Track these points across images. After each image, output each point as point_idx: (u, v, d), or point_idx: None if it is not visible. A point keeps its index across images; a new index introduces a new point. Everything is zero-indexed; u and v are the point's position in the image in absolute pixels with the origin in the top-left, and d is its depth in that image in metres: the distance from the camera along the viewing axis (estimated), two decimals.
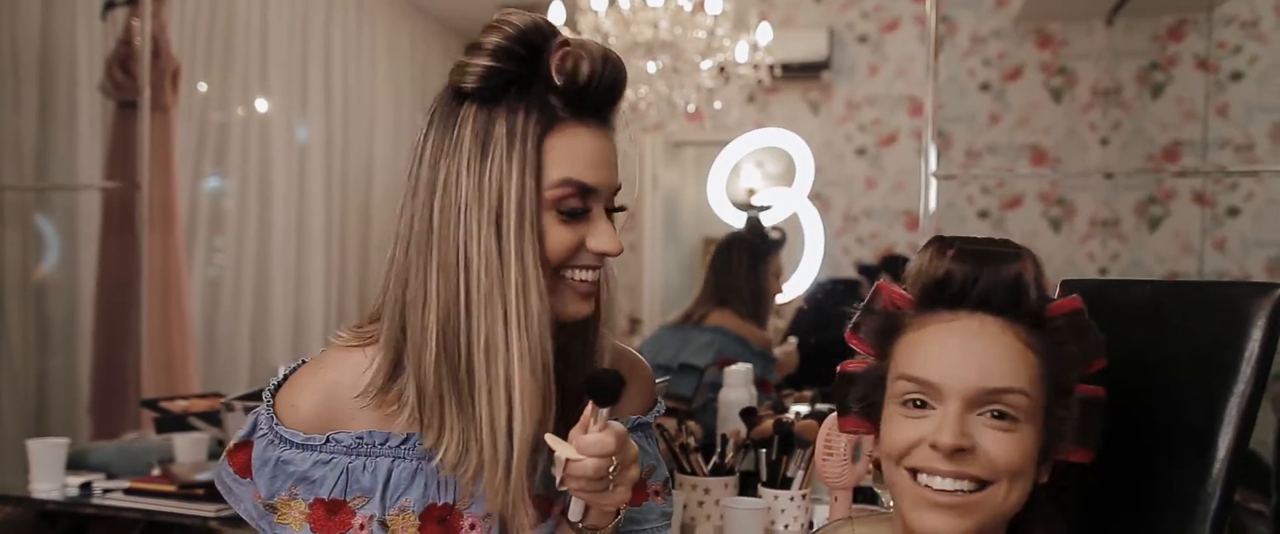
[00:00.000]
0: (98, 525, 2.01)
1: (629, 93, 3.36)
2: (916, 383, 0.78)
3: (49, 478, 1.85)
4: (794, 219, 3.18)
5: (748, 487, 1.51)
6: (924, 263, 0.81)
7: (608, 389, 0.78)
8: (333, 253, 3.71)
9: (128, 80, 2.62)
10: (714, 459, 1.51)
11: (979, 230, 3.68)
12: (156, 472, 1.91)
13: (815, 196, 3.48)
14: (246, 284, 3.51)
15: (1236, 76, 3.43)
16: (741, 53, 3.12)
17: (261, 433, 0.92)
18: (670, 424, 1.56)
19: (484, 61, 0.83)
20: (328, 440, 0.90)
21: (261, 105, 3.61)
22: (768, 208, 2.91)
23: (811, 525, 1.45)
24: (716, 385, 1.83)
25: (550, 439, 0.81)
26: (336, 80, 3.90)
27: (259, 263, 3.56)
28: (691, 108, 3.29)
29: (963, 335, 0.78)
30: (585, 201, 0.86)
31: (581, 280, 0.88)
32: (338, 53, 3.92)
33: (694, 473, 1.47)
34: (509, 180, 0.83)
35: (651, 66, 3.09)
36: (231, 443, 0.96)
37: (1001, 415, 0.76)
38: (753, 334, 2.17)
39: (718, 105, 3.28)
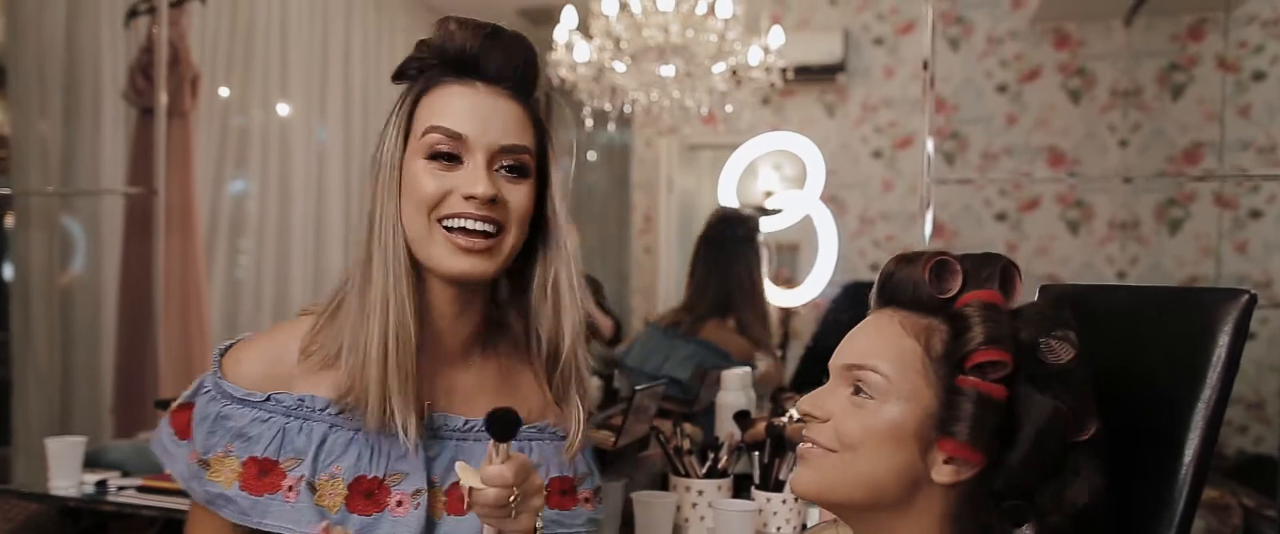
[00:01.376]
0: (118, 523, 2.05)
1: (641, 96, 3.34)
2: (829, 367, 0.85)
3: (67, 475, 1.89)
4: (807, 222, 3.18)
5: (745, 490, 1.52)
6: None
7: (506, 426, 0.80)
8: (351, 253, 3.75)
9: (149, 87, 2.67)
10: (709, 462, 1.52)
11: (997, 233, 3.66)
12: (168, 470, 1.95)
13: (830, 199, 3.46)
14: (267, 285, 3.57)
15: (1259, 76, 3.38)
16: (753, 56, 3.13)
17: (205, 390, 0.96)
18: (665, 426, 1.57)
19: (411, 55, 0.94)
20: (268, 399, 0.93)
21: (282, 109, 3.67)
22: (779, 210, 2.90)
23: (804, 528, 1.46)
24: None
25: (459, 467, 0.84)
26: (356, 83, 3.96)
27: (279, 264, 3.61)
28: (704, 111, 3.30)
29: (859, 325, 0.84)
30: (455, 148, 0.90)
31: (458, 228, 0.90)
32: (357, 56, 3.97)
33: (687, 475, 1.49)
34: (388, 141, 0.91)
35: (665, 71, 3.10)
36: (174, 404, 1.00)
37: (858, 390, 0.80)
38: (737, 347, 2.15)
39: (729, 108, 3.28)
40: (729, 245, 2.23)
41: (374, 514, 0.93)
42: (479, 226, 0.90)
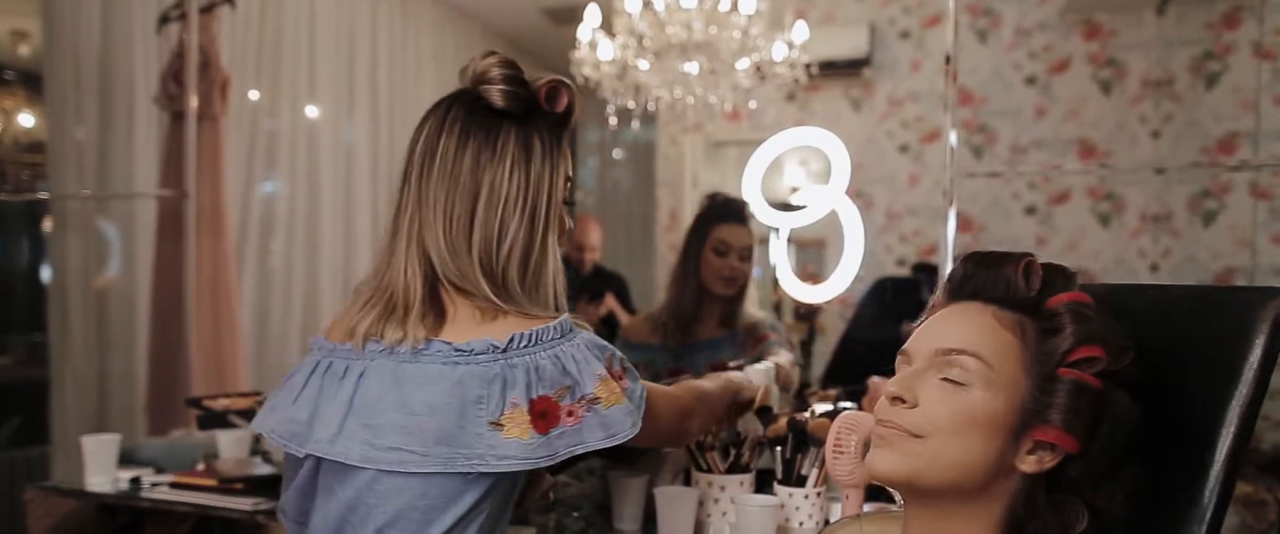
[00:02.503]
0: (153, 519, 2.08)
1: (665, 93, 3.33)
2: (901, 353, 0.85)
3: (102, 472, 1.92)
4: (833, 218, 3.15)
5: (768, 485, 1.52)
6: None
7: None
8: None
9: (181, 92, 2.71)
10: (731, 457, 1.52)
11: (1026, 227, 3.61)
12: (201, 467, 1.98)
13: (857, 194, 3.43)
14: (296, 286, 3.61)
15: None
16: (777, 52, 3.11)
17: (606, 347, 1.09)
18: None
19: (503, 87, 1.08)
20: None
21: (310, 111, 3.71)
22: (803, 207, 2.89)
23: (826, 523, 1.45)
24: None
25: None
26: (382, 85, 3.99)
27: (308, 264, 3.66)
28: (728, 107, 3.29)
29: (944, 313, 0.85)
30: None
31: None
32: (383, 59, 4.00)
33: (709, 471, 1.49)
34: (544, 181, 1.09)
35: (690, 67, 3.10)
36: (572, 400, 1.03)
37: (950, 377, 0.79)
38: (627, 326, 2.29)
39: (753, 104, 3.27)
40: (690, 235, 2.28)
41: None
42: None
